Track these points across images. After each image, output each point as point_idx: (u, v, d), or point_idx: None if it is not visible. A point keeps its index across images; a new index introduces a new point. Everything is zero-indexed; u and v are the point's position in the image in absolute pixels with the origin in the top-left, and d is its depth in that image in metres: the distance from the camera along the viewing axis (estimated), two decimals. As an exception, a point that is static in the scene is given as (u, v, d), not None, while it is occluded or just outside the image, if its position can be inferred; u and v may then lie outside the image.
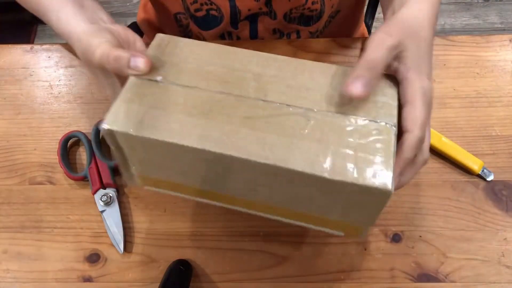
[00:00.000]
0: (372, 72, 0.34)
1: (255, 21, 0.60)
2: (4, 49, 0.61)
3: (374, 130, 0.34)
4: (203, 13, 0.60)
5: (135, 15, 0.78)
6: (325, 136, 0.34)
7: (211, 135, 0.34)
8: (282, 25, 0.62)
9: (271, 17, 0.60)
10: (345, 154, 0.33)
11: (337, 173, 0.32)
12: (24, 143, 0.55)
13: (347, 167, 0.32)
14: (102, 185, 0.51)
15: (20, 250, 0.50)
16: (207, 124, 0.34)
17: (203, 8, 0.59)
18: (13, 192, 0.52)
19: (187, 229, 0.50)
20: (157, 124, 0.34)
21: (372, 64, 0.34)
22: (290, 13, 0.59)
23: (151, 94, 0.36)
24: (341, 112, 0.35)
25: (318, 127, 0.34)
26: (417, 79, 0.35)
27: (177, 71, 0.38)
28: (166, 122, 0.34)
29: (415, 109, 0.34)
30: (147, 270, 0.48)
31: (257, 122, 0.35)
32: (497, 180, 0.50)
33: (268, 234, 0.49)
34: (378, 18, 1.03)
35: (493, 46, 0.57)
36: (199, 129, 0.34)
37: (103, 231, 0.50)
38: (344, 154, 0.33)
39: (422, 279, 0.46)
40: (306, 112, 0.35)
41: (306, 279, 0.47)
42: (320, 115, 0.35)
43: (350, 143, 0.33)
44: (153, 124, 0.34)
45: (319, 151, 0.33)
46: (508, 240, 0.48)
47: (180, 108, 0.35)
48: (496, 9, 1.57)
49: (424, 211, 0.49)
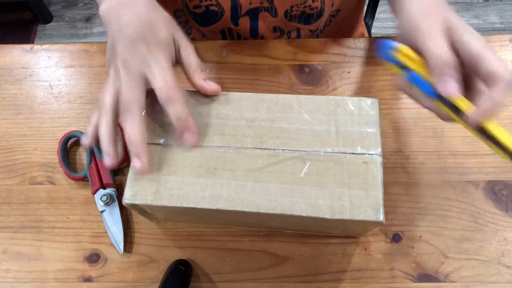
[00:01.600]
0: (448, 66, 0.36)
1: (256, 18, 0.60)
2: (4, 49, 0.61)
3: (362, 164, 0.39)
4: (202, 9, 0.60)
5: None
6: (320, 177, 0.38)
7: (221, 194, 0.38)
8: (282, 23, 0.62)
9: (272, 14, 0.60)
10: (340, 193, 0.38)
11: (336, 213, 0.37)
12: (24, 143, 0.55)
13: (343, 206, 0.37)
14: (102, 185, 0.51)
15: (20, 250, 0.50)
16: (215, 183, 0.39)
17: (202, 4, 0.59)
18: (13, 192, 0.52)
19: (187, 229, 0.50)
20: (172, 192, 0.38)
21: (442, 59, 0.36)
22: (291, 10, 0.59)
23: (158, 159, 0.40)
24: (331, 149, 0.40)
25: (313, 168, 0.39)
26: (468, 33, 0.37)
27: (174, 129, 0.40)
28: (179, 189, 0.39)
29: (491, 59, 0.35)
30: (147, 270, 0.48)
31: (259, 173, 0.39)
32: (497, 180, 0.50)
33: (268, 234, 0.49)
34: (378, 18, 1.03)
35: (493, 46, 0.57)
36: (209, 189, 0.38)
37: (103, 231, 0.50)
38: (340, 193, 0.38)
39: (422, 279, 0.46)
40: (301, 155, 0.40)
41: (306, 279, 0.47)
42: (314, 155, 0.39)
43: (343, 181, 0.38)
44: (168, 193, 0.38)
45: (318, 195, 0.38)
46: (508, 240, 0.48)
47: (188, 170, 0.39)
48: (496, 9, 1.57)
49: (424, 211, 0.49)
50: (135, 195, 0.39)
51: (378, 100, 0.41)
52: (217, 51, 0.58)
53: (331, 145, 0.40)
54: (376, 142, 0.40)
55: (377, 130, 0.40)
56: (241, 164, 0.39)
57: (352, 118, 0.41)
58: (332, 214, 0.37)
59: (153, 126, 0.41)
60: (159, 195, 0.38)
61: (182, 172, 0.39)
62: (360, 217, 0.37)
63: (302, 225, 0.44)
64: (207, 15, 0.61)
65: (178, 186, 0.39)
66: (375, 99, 0.41)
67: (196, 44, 0.61)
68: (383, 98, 0.55)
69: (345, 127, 0.40)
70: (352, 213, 0.37)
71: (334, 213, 0.37)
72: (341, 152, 0.39)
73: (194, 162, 0.39)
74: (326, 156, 0.39)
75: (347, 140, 0.40)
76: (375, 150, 0.39)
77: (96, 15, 1.65)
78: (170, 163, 0.40)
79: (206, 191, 0.38)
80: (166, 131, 0.41)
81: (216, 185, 0.38)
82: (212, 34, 0.64)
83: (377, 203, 0.37)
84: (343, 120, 0.41)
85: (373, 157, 0.39)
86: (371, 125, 0.40)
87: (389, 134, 0.53)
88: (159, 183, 0.39)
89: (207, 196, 0.38)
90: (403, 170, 0.51)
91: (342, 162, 0.39)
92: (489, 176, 0.50)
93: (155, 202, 0.38)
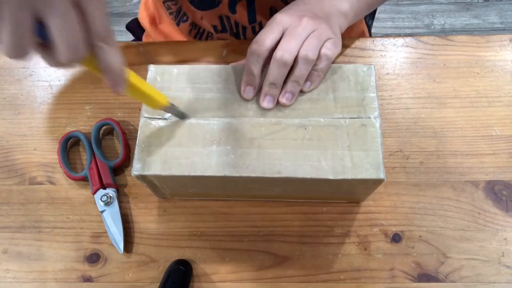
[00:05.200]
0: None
1: (253, 1, 0.60)
2: (4, 49, 0.61)
3: (361, 127, 0.40)
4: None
5: (135, 15, 0.78)
6: (322, 142, 0.40)
7: (227, 162, 0.39)
8: (277, 4, 0.61)
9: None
10: (342, 155, 0.39)
11: (339, 173, 0.39)
12: (24, 143, 0.55)
13: (345, 166, 0.39)
14: (102, 185, 0.51)
15: (20, 250, 0.50)
16: (221, 151, 0.40)
17: None
18: (13, 192, 0.52)
19: (187, 229, 0.50)
20: (180, 161, 0.40)
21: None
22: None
23: (165, 132, 0.41)
24: (331, 115, 0.41)
25: (314, 134, 0.40)
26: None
27: (179, 103, 0.42)
28: (186, 158, 0.40)
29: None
30: (147, 270, 0.48)
31: (262, 141, 0.40)
32: (497, 180, 0.50)
33: (268, 234, 0.49)
34: (378, 18, 1.03)
35: (493, 46, 0.57)
36: (215, 158, 0.40)
37: (103, 231, 0.50)
38: (341, 155, 0.39)
39: (422, 279, 0.46)
40: (302, 122, 0.41)
41: (306, 279, 0.47)
42: (314, 122, 0.41)
43: (343, 143, 0.40)
44: (176, 162, 0.40)
45: (321, 157, 0.39)
46: (508, 240, 0.48)
47: (194, 141, 0.40)
48: (496, 9, 1.57)
49: (424, 211, 0.49)
50: (144, 166, 0.40)
51: (373, 66, 0.43)
52: (217, 51, 0.58)
53: (330, 112, 0.41)
54: (373, 106, 0.41)
55: (373, 95, 0.42)
56: (245, 133, 0.41)
57: (349, 84, 0.43)
58: (335, 175, 0.38)
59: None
60: (167, 165, 0.39)
61: (188, 143, 0.40)
62: (362, 176, 0.38)
63: (306, 190, 0.45)
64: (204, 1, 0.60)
65: (186, 156, 0.40)
66: (371, 65, 0.43)
67: (196, 44, 0.61)
68: (383, 98, 0.55)
69: (343, 93, 0.42)
70: (354, 172, 0.38)
71: (336, 173, 0.38)
72: (340, 118, 0.41)
73: (199, 134, 0.41)
74: (326, 122, 0.41)
75: (345, 105, 0.42)
76: (372, 114, 0.41)
77: (96, 15, 1.65)
78: (176, 135, 0.41)
79: (212, 159, 0.39)
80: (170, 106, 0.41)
81: (222, 153, 0.40)
82: (210, 20, 0.63)
83: (377, 161, 0.39)
84: (341, 87, 0.43)
85: (371, 120, 0.41)
86: (367, 90, 0.42)
87: (389, 134, 0.53)
88: (167, 154, 0.40)
89: (213, 164, 0.39)
90: (403, 170, 0.51)
91: (341, 126, 0.41)
92: (489, 176, 0.50)
93: (164, 172, 0.39)
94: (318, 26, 0.44)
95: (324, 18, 0.46)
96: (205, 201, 0.51)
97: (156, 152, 0.40)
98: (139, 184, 0.52)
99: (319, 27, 0.44)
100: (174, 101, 0.41)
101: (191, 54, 0.59)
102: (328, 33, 0.44)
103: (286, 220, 0.49)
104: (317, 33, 0.43)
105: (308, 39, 0.43)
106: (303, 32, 0.43)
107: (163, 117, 0.42)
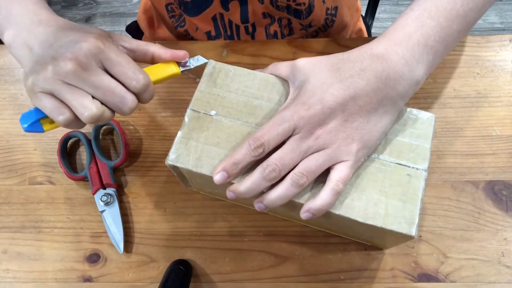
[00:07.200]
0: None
1: (245, 3, 0.60)
2: (4, 49, 0.61)
3: (406, 176, 0.38)
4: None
5: (135, 15, 0.78)
6: (360, 180, 0.38)
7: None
8: (270, 10, 0.61)
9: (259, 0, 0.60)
10: (377, 200, 0.37)
11: (369, 218, 0.36)
12: (24, 143, 0.55)
13: (378, 212, 0.37)
14: (102, 185, 0.51)
15: (20, 250, 0.50)
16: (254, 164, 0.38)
17: None
18: (13, 192, 0.52)
19: (187, 229, 0.50)
20: (213, 162, 0.39)
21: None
22: (276, 0, 0.59)
23: (206, 129, 0.41)
24: (376, 155, 0.39)
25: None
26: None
27: (229, 103, 0.42)
28: (221, 160, 0.39)
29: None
30: (147, 270, 0.48)
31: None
32: (497, 180, 0.50)
33: (268, 234, 0.49)
34: (378, 18, 1.03)
35: (493, 46, 0.57)
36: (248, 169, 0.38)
37: (103, 231, 0.50)
38: (377, 199, 0.37)
39: (422, 279, 0.46)
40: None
41: (306, 279, 0.47)
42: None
43: (382, 188, 0.37)
44: (209, 162, 0.39)
45: (354, 196, 0.37)
46: (508, 240, 0.48)
47: (231, 145, 0.40)
48: (496, 9, 1.57)
49: (424, 211, 0.49)
50: (179, 158, 0.40)
51: (434, 116, 0.40)
52: (217, 51, 0.58)
53: (377, 151, 0.39)
54: (424, 157, 0.39)
55: (428, 146, 0.39)
56: None
57: (404, 129, 0.40)
58: (365, 219, 0.36)
59: (208, 97, 0.42)
60: (200, 163, 0.39)
61: (225, 145, 0.40)
62: (392, 227, 0.36)
63: (331, 223, 0.44)
64: (197, 2, 0.60)
65: (220, 158, 0.39)
66: (432, 114, 0.40)
67: (196, 44, 0.61)
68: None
69: (395, 136, 0.40)
70: (385, 222, 0.36)
71: (367, 217, 0.36)
72: (386, 160, 0.39)
73: (239, 139, 0.40)
74: (370, 161, 0.39)
75: (394, 149, 0.39)
76: (422, 165, 0.38)
77: (96, 15, 1.65)
78: (216, 134, 0.40)
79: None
80: (219, 103, 0.42)
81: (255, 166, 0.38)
82: (204, 23, 0.63)
83: (412, 217, 0.36)
84: (395, 129, 0.40)
85: (418, 172, 0.38)
86: (422, 139, 0.39)
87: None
88: (203, 152, 0.40)
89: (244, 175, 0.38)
90: (403, 170, 0.51)
91: (385, 170, 0.38)
92: (489, 176, 0.50)
93: (195, 168, 0.39)
94: (344, 131, 0.36)
95: (377, 102, 0.37)
96: (205, 201, 0.51)
97: (194, 147, 0.40)
98: (139, 184, 0.52)
99: (345, 133, 0.36)
100: (223, 101, 0.42)
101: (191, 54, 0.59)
102: (352, 149, 0.36)
103: (286, 220, 0.49)
104: (331, 151, 0.36)
105: (311, 157, 0.36)
106: (314, 145, 0.36)
107: (209, 113, 0.41)
